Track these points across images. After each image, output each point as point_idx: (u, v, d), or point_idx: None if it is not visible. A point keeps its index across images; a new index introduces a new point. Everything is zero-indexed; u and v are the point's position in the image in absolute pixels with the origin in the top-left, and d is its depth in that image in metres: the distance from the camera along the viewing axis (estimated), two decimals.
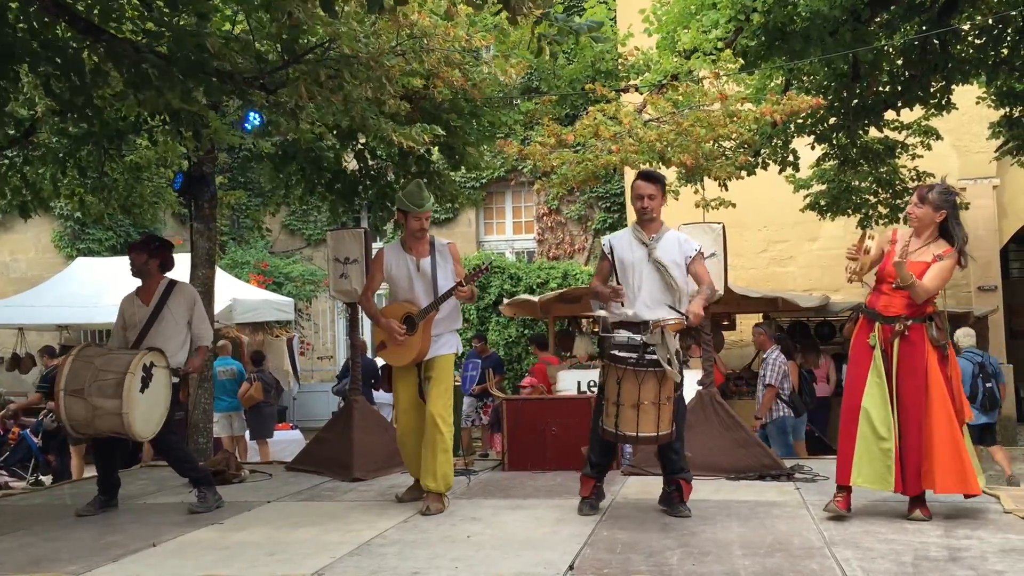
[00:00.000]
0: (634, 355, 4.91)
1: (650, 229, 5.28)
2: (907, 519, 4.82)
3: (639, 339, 4.95)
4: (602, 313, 5.14)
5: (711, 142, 8.06)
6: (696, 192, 9.62)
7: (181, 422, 6.19)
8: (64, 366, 5.51)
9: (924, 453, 4.73)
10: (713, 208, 9.55)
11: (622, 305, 5.06)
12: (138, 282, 6.12)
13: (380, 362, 9.45)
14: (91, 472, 10.23)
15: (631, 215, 15.12)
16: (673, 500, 5.26)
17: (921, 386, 4.75)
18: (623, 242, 5.30)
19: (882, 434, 4.74)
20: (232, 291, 13.10)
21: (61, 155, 8.38)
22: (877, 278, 4.96)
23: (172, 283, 6.08)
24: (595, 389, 6.63)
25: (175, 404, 5.90)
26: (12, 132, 7.91)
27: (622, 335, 5.01)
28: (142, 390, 5.47)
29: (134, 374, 5.42)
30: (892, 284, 4.82)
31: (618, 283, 5.20)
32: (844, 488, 4.91)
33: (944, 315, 4.95)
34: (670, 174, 9.53)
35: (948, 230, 4.85)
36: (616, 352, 4.97)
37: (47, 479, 10.53)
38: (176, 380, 5.84)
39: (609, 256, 5.28)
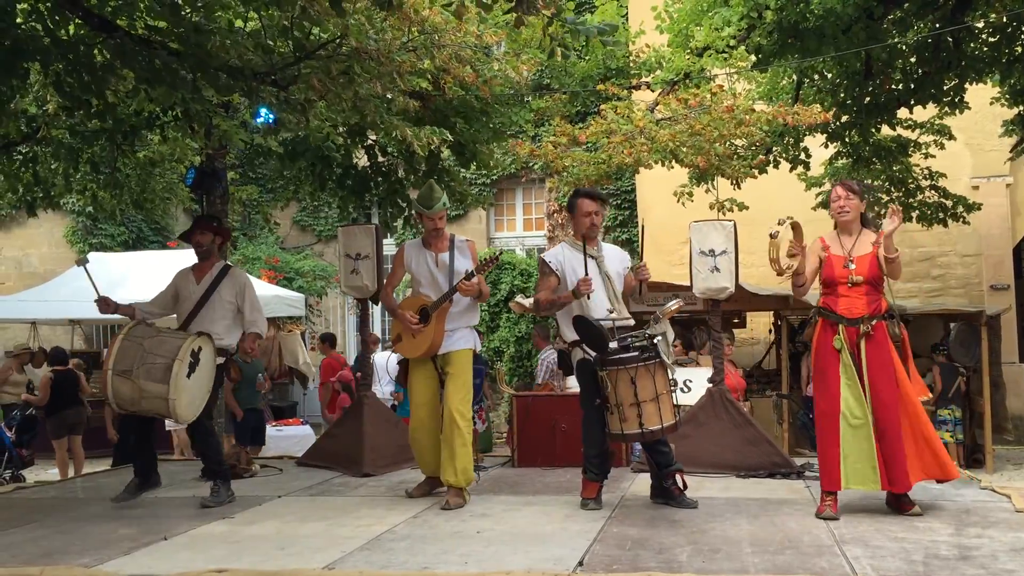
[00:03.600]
0: (640, 351, 5.03)
1: (593, 243, 5.44)
2: (905, 515, 4.81)
3: (643, 333, 5.08)
4: (626, 320, 5.17)
5: (723, 143, 8.05)
6: (708, 192, 9.61)
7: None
8: (114, 345, 5.50)
9: (906, 447, 4.78)
10: (728, 210, 9.53)
11: (588, 298, 5.16)
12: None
13: (396, 358, 9.47)
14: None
15: (641, 212, 15.12)
16: (674, 494, 5.32)
17: (892, 381, 4.83)
18: (568, 258, 5.41)
19: (863, 435, 4.77)
20: None
21: (74, 149, 8.41)
22: (826, 283, 5.00)
23: (227, 267, 6.11)
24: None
25: (219, 385, 5.97)
26: (24, 129, 7.95)
27: (622, 339, 5.09)
28: (189, 375, 5.51)
29: (182, 361, 5.45)
30: (847, 284, 4.89)
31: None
32: (832, 493, 4.91)
33: (895, 306, 5.06)
34: (683, 174, 9.55)
35: (866, 220, 5.12)
36: (623, 355, 5.04)
37: (56, 473, 10.59)
38: (222, 360, 5.88)
39: (557, 272, 5.37)
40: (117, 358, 5.45)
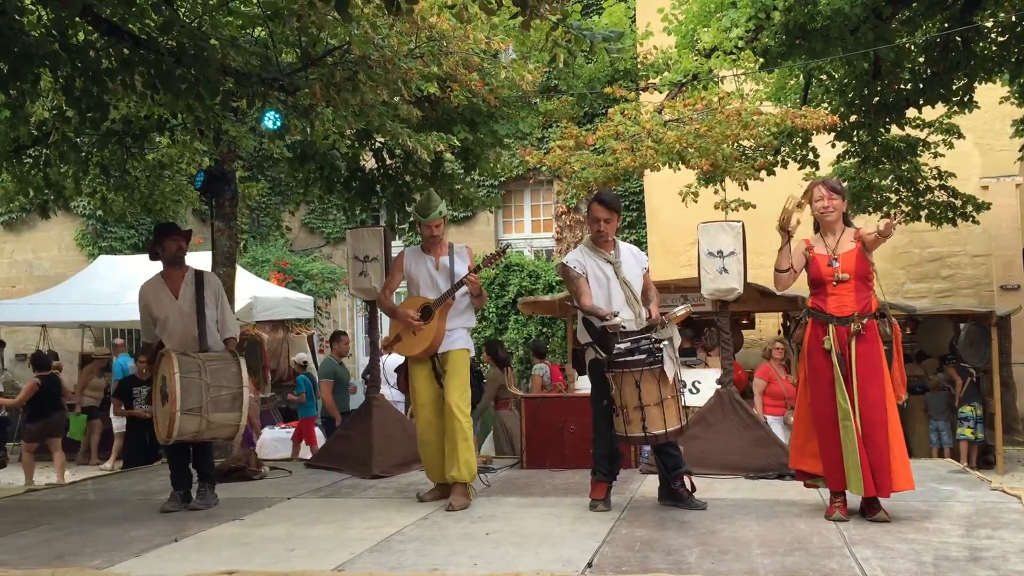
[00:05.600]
0: (645, 355, 5.02)
1: (607, 247, 5.48)
2: (870, 520, 4.77)
3: (650, 338, 5.08)
4: (624, 318, 5.18)
5: (731, 143, 8.05)
6: (716, 192, 9.61)
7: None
8: (175, 385, 5.41)
9: (889, 453, 4.74)
10: (732, 210, 9.54)
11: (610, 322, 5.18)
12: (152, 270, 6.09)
13: (395, 361, 9.49)
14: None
15: (649, 214, 15.10)
16: (683, 495, 5.33)
17: (881, 385, 4.82)
18: (590, 262, 5.44)
19: (851, 436, 4.75)
20: (252, 289, 13.17)
21: (83, 153, 8.45)
22: (814, 283, 5.01)
23: (200, 273, 6.03)
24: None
25: None
26: (35, 132, 7.98)
27: (625, 343, 5.10)
28: None
29: (247, 387, 5.61)
30: (833, 282, 4.90)
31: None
32: (840, 494, 4.91)
33: (886, 305, 5.04)
34: (690, 175, 9.55)
35: (847, 219, 5.17)
36: (628, 358, 5.04)
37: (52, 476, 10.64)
38: None
39: (584, 275, 5.39)
40: (183, 398, 5.45)
